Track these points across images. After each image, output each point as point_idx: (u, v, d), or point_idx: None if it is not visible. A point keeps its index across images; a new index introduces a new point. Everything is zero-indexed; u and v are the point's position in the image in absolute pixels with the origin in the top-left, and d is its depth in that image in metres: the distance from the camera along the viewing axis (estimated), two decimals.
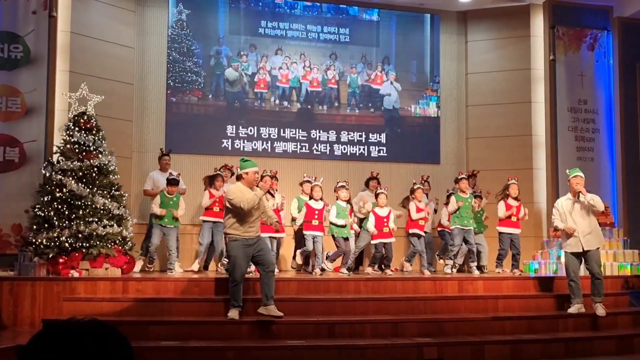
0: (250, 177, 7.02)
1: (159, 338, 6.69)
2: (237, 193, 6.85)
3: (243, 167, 7.05)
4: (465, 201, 9.70)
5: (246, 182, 7.01)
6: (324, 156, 11.24)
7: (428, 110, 11.78)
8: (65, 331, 1.50)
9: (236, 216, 6.87)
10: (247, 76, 11.07)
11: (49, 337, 1.49)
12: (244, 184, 7.01)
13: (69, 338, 1.48)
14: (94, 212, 8.26)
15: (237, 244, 6.85)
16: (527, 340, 7.31)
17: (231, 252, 6.91)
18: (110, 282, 7.72)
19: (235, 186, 7.03)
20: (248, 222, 6.89)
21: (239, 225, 6.87)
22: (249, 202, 6.76)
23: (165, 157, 9.82)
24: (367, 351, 6.71)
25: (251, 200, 6.78)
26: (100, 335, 1.51)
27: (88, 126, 8.68)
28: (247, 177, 7.02)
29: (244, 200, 6.74)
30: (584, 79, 11.42)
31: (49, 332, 1.50)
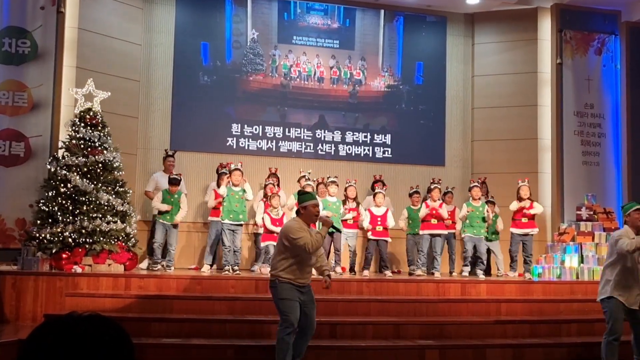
0: (310, 212, 5.91)
1: (160, 335, 6.70)
2: (302, 232, 5.76)
3: (302, 201, 6.00)
4: (476, 210, 9.70)
5: (306, 218, 5.92)
6: (327, 156, 11.23)
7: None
8: (66, 325, 1.50)
9: (294, 258, 5.79)
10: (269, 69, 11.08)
11: (49, 331, 1.49)
12: (304, 219, 5.92)
13: (69, 332, 1.48)
14: (98, 208, 8.28)
15: (289, 287, 5.78)
16: (529, 345, 7.29)
17: (282, 295, 5.77)
18: (112, 278, 7.73)
19: (296, 223, 5.91)
20: (306, 265, 5.89)
21: (295, 270, 5.80)
22: (315, 243, 5.74)
23: (169, 158, 9.77)
24: (368, 352, 6.70)
25: (318, 242, 5.77)
26: (100, 330, 1.50)
27: (94, 122, 8.71)
28: (305, 212, 5.92)
29: (311, 242, 5.71)
30: (590, 83, 11.38)
31: (49, 326, 1.50)
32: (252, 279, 8.30)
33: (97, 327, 1.50)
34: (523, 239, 9.68)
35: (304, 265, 5.84)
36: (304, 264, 5.84)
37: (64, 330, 1.47)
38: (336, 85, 11.43)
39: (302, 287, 5.84)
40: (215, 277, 8.39)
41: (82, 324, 1.51)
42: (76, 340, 1.46)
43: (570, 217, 10.76)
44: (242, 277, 8.42)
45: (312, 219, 5.96)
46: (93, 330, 1.49)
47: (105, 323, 1.53)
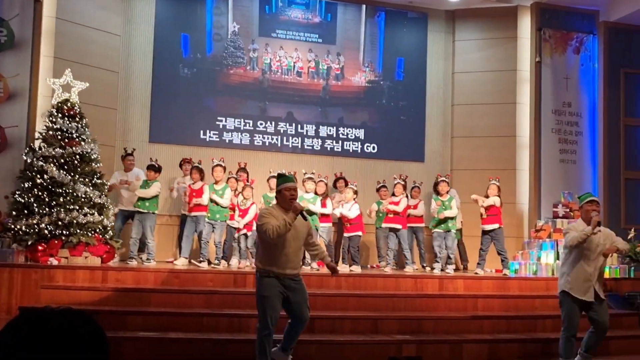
0: (284, 196, 5.53)
1: (137, 328, 6.65)
2: (267, 218, 5.43)
3: (277, 185, 5.72)
4: (442, 203, 9.75)
5: (281, 202, 5.58)
6: (308, 151, 11.22)
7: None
8: (41, 319, 1.49)
9: (269, 247, 5.48)
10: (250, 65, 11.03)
11: (23, 325, 1.48)
12: (280, 204, 5.59)
13: (44, 326, 1.47)
14: (75, 200, 8.19)
15: (269, 281, 5.48)
16: (504, 340, 7.37)
17: (261, 292, 5.51)
18: (89, 271, 7.66)
19: (267, 209, 5.71)
20: (285, 254, 5.50)
21: (274, 259, 5.48)
22: (277, 230, 5.29)
23: (129, 156, 9.54)
24: (346, 347, 6.72)
25: (280, 228, 5.30)
26: (75, 324, 1.50)
27: (71, 113, 8.62)
28: (279, 196, 5.60)
29: (272, 228, 5.30)
30: (568, 81, 11.49)
31: (23, 320, 1.48)
32: (230, 272, 8.28)
33: (72, 321, 1.49)
34: (490, 234, 9.66)
35: (281, 254, 5.47)
36: (280, 253, 5.47)
37: (39, 324, 1.47)
38: (315, 79, 11.42)
39: (285, 279, 5.51)
40: (193, 270, 8.36)
41: (57, 317, 1.50)
42: (51, 334, 1.46)
43: (547, 214, 10.88)
44: (220, 271, 8.40)
45: (287, 203, 5.50)
46: (67, 324, 1.48)
47: (80, 317, 1.53)
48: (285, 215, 5.42)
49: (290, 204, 5.50)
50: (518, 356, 7.23)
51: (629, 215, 11.30)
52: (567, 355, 6.35)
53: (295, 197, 5.60)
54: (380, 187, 10.20)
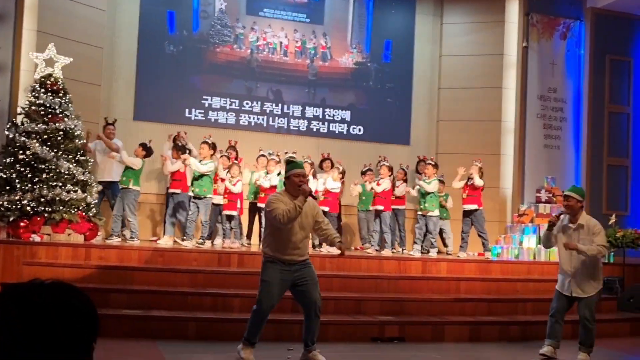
0: (293, 182, 5.43)
1: (120, 306, 6.63)
2: (276, 203, 5.35)
3: (286, 171, 5.61)
4: (428, 185, 9.78)
5: (290, 189, 5.48)
6: (293, 131, 11.19)
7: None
8: (28, 293, 1.47)
9: (275, 232, 5.41)
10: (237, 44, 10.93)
11: (10, 298, 1.46)
12: (288, 191, 5.49)
13: (31, 300, 1.45)
14: (58, 177, 8.12)
15: (273, 267, 5.40)
16: (486, 322, 7.46)
17: (263, 276, 5.44)
18: (72, 248, 7.62)
19: (276, 195, 5.58)
20: (292, 240, 5.42)
21: (280, 245, 5.41)
22: (287, 214, 5.22)
23: (109, 126, 9.43)
24: (330, 327, 6.74)
25: (290, 212, 5.23)
26: (64, 298, 1.48)
27: (54, 88, 8.50)
28: (288, 182, 5.52)
29: (283, 212, 5.22)
30: (554, 67, 11.53)
31: (10, 293, 1.46)
32: (215, 252, 8.28)
33: (61, 295, 1.48)
34: (470, 214, 9.74)
35: (287, 240, 5.40)
36: (287, 239, 5.40)
37: (26, 298, 1.45)
38: (301, 59, 11.35)
39: (291, 265, 5.40)
40: (177, 249, 8.34)
41: (45, 291, 1.48)
42: (38, 308, 1.44)
43: (530, 199, 10.97)
44: (205, 250, 8.39)
45: (296, 190, 5.40)
46: (56, 298, 1.46)
47: (69, 291, 1.51)
48: (292, 201, 5.34)
49: (299, 190, 5.40)
50: (499, 338, 7.32)
51: (611, 202, 11.42)
52: (547, 334, 6.37)
53: (305, 183, 5.49)
54: (366, 170, 10.19)
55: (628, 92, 11.77)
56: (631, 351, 7.44)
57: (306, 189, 5.39)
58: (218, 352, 5.89)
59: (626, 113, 11.76)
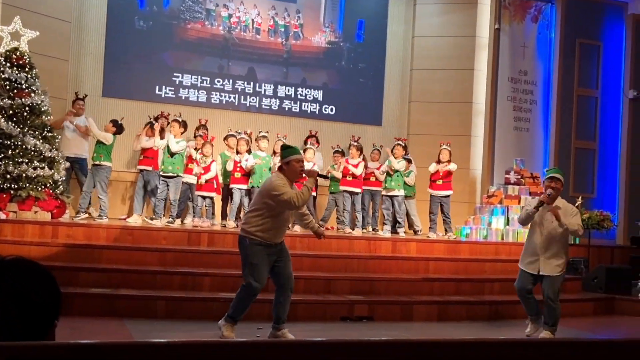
0: (294, 167, 5.48)
1: (88, 285, 6.58)
2: (285, 187, 5.36)
3: (284, 156, 5.58)
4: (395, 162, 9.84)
5: (289, 174, 5.50)
6: (264, 110, 11.12)
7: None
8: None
9: (271, 216, 5.42)
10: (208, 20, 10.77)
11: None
12: (287, 175, 5.49)
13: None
14: (24, 153, 7.97)
15: (260, 249, 5.43)
16: (453, 302, 7.56)
17: (252, 259, 5.45)
18: (39, 226, 7.51)
19: (279, 178, 5.48)
20: (284, 225, 5.59)
21: (272, 229, 5.45)
22: (302, 197, 5.34)
23: (79, 101, 9.25)
24: (300, 306, 6.77)
25: (305, 195, 5.37)
26: (25, 274, 1.46)
27: (20, 63, 8.32)
28: (288, 167, 5.49)
29: (296, 195, 5.31)
30: (525, 50, 11.62)
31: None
32: (185, 230, 8.23)
33: (22, 271, 1.46)
34: (441, 200, 9.86)
35: (282, 224, 5.53)
36: (282, 224, 5.52)
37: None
38: (274, 37, 11.26)
39: (274, 246, 5.50)
40: (147, 227, 8.27)
41: (6, 267, 1.46)
42: (2, 283, 1.42)
43: (499, 181, 11.09)
44: (175, 229, 8.33)
45: (296, 176, 5.52)
46: (17, 273, 1.44)
47: (31, 267, 1.49)
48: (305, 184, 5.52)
49: (300, 175, 5.56)
50: (466, 318, 7.43)
51: (578, 184, 11.60)
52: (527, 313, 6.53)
53: (304, 168, 5.64)
54: (335, 152, 10.17)
55: (597, 76, 11.92)
56: (595, 330, 7.62)
57: (314, 171, 5.64)
58: (187, 331, 5.87)
59: (594, 97, 11.92)
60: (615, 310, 8.58)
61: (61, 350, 1.20)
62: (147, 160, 9.16)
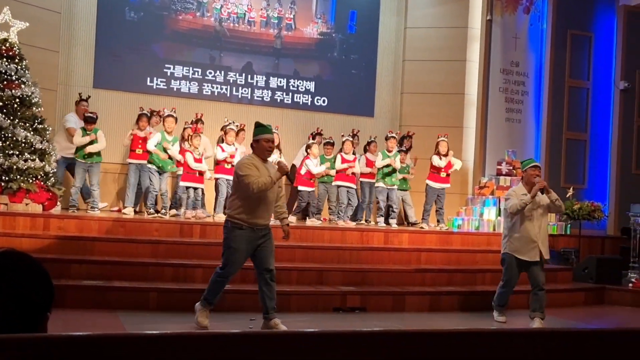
0: (263, 146, 5.54)
1: (80, 277, 6.56)
2: (250, 169, 5.42)
3: (255, 134, 5.62)
4: (383, 156, 9.84)
5: (258, 152, 5.59)
6: (256, 102, 11.09)
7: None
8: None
9: (244, 198, 5.48)
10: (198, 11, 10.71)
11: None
12: (257, 154, 5.60)
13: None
14: (15, 145, 7.92)
15: (240, 234, 5.47)
16: (446, 292, 7.59)
17: (230, 243, 5.52)
18: (30, 218, 7.47)
19: (249, 158, 5.61)
20: (262, 205, 5.53)
21: (248, 209, 5.48)
22: (262, 186, 5.36)
23: (83, 102, 9.25)
24: (292, 297, 6.79)
25: (265, 185, 5.37)
26: (17, 266, 1.45)
27: (10, 54, 8.24)
28: (257, 145, 5.58)
29: (257, 182, 5.34)
30: (517, 41, 11.63)
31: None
32: (177, 222, 8.21)
33: (13, 263, 1.45)
34: (439, 192, 9.92)
35: (257, 205, 5.48)
36: (257, 204, 5.48)
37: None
38: (266, 28, 11.21)
39: (258, 230, 5.52)
40: (139, 219, 8.26)
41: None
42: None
43: (491, 172, 11.12)
44: (167, 221, 8.31)
45: (264, 154, 5.58)
46: (9, 265, 1.44)
47: (22, 258, 1.48)
48: (263, 165, 5.52)
49: (267, 155, 5.61)
50: (458, 308, 7.46)
51: (569, 175, 11.66)
52: (499, 302, 6.77)
53: (273, 149, 5.70)
54: (325, 143, 10.14)
55: (588, 67, 11.96)
56: (585, 320, 7.67)
57: (285, 168, 5.60)
58: (179, 323, 5.87)
59: (586, 88, 11.96)
60: (606, 300, 8.64)
61: (54, 343, 1.19)
62: (139, 154, 9.07)
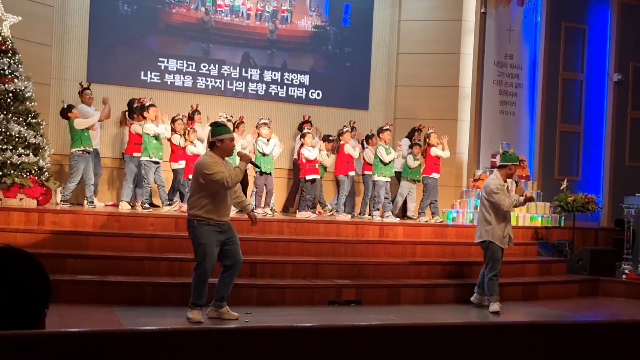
0: (228, 146, 5.67)
1: (75, 272, 6.56)
2: (217, 166, 5.51)
3: (218, 133, 5.68)
4: (386, 151, 9.84)
5: (222, 152, 5.68)
6: (250, 95, 11.06)
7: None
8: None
9: (210, 196, 5.57)
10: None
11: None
12: (219, 153, 5.66)
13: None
14: (8, 140, 7.90)
15: (208, 229, 5.58)
16: (440, 285, 7.63)
17: (200, 239, 5.60)
18: (25, 213, 7.46)
19: (210, 157, 5.64)
20: (224, 202, 5.66)
21: (214, 208, 5.58)
22: (235, 177, 5.50)
23: (87, 90, 9.27)
24: (287, 291, 6.81)
25: (237, 176, 5.52)
26: (13, 261, 1.45)
27: (3, 48, 8.22)
28: (222, 145, 5.64)
29: (229, 176, 5.46)
30: (511, 34, 11.63)
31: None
32: (172, 216, 8.20)
33: (10, 259, 1.45)
34: (430, 184, 9.94)
35: (222, 202, 5.62)
36: (222, 201, 5.62)
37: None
38: (260, 22, 11.18)
39: (222, 225, 5.66)
40: (134, 214, 8.24)
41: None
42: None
43: (485, 164, 11.15)
44: (162, 215, 8.30)
45: (228, 153, 5.79)
46: (6, 262, 1.44)
47: (19, 255, 1.48)
48: (223, 163, 5.64)
49: (231, 154, 5.85)
50: (453, 300, 7.50)
51: (562, 167, 11.70)
52: (491, 292, 6.99)
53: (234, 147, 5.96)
54: (324, 138, 10.13)
55: (582, 59, 11.98)
56: (579, 311, 7.72)
57: (247, 156, 5.84)
58: (175, 317, 5.88)
59: (580, 80, 11.99)
60: (600, 292, 8.70)
61: (52, 339, 1.20)
62: (138, 147, 9.02)
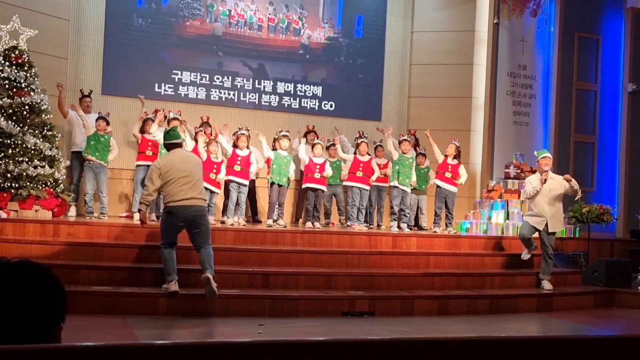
0: None
1: (90, 283, 6.60)
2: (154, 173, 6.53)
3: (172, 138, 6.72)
4: (406, 160, 9.84)
5: None
6: (264, 107, 11.11)
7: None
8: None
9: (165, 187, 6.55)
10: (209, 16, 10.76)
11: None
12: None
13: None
14: (25, 152, 7.98)
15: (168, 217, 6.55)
16: (454, 296, 7.58)
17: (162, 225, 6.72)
18: (40, 225, 7.52)
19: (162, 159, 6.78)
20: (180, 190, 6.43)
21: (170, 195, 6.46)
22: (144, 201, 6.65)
23: (86, 98, 9.34)
24: (300, 302, 6.81)
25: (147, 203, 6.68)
26: (31, 276, 1.46)
27: (19, 61, 8.31)
28: None
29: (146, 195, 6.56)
30: (524, 44, 11.61)
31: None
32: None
33: (28, 273, 1.46)
34: (446, 193, 9.80)
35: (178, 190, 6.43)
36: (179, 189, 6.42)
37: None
38: (274, 34, 11.25)
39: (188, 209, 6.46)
40: (147, 225, 8.26)
41: (12, 269, 1.46)
42: (5, 286, 1.42)
43: (499, 175, 11.10)
44: None
45: None
46: (23, 276, 1.45)
47: (36, 269, 1.50)
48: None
49: None
50: (467, 312, 7.45)
51: (577, 178, 11.46)
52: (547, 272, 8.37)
53: None
54: (329, 145, 10.14)
55: (596, 69, 11.92)
56: (595, 323, 7.64)
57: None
58: (188, 328, 5.90)
59: (593, 90, 11.93)
60: (615, 303, 8.61)
61: (68, 353, 1.21)
62: (149, 156, 9.07)
